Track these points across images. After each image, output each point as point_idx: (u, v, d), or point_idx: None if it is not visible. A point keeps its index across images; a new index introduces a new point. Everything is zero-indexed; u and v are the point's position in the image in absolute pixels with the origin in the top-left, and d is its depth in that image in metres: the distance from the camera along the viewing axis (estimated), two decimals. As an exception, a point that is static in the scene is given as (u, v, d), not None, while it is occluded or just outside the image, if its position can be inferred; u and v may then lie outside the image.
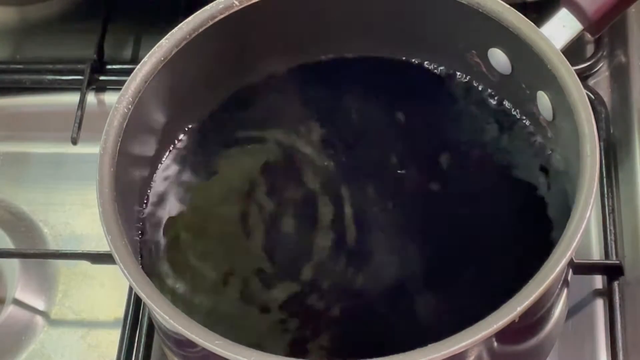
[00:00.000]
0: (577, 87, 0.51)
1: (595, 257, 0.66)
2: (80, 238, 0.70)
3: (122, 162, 0.53)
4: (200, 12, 0.56)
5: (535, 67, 0.53)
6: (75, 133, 0.71)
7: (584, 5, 0.55)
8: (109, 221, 0.50)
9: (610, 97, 0.72)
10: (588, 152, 0.49)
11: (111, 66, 0.76)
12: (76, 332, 0.67)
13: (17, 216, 0.72)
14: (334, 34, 0.60)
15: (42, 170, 0.74)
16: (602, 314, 0.64)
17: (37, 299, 0.68)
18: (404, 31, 0.59)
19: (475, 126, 0.59)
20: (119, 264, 0.49)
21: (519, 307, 0.45)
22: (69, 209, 0.72)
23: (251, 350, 0.45)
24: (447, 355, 0.44)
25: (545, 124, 0.56)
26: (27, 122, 0.77)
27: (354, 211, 0.57)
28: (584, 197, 0.48)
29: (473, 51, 0.58)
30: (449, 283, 0.54)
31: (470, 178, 0.58)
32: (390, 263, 0.55)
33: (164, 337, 0.56)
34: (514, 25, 0.54)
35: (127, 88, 0.54)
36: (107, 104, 0.75)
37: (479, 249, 0.55)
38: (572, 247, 0.47)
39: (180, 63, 0.56)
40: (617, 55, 0.73)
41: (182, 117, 0.59)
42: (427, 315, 0.53)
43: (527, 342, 0.54)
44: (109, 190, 0.51)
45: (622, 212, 0.66)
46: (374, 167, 0.59)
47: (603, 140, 0.68)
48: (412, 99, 0.61)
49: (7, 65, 0.77)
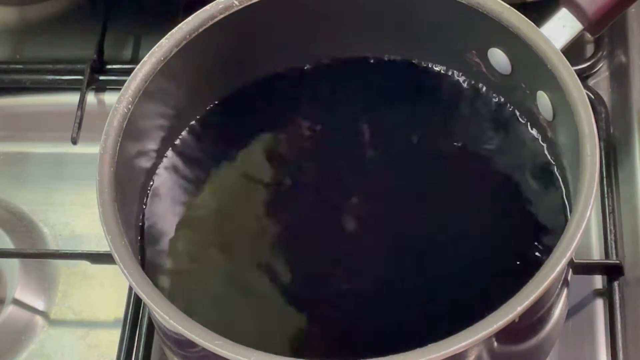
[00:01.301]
0: (577, 87, 0.51)
1: (595, 257, 0.66)
2: (80, 238, 0.70)
3: (122, 162, 0.53)
4: (200, 12, 0.56)
5: (535, 67, 0.53)
6: (75, 133, 0.71)
7: (584, 5, 0.55)
8: (109, 221, 0.50)
9: (610, 97, 0.72)
10: (588, 152, 0.49)
11: (111, 66, 0.76)
12: (76, 332, 0.67)
13: (17, 216, 0.72)
14: (334, 34, 0.60)
15: (42, 170, 0.74)
16: (602, 314, 0.64)
17: (37, 299, 0.68)
18: (403, 31, 0.59)
19: (475, 126, 0.59)
20: (119, 264, 0.49)
21: (519, 307, 0.45)
22: (69, 209, 0.72)
23: (251, 350, 0.45)
24: (447, 355, 0.44)
25: (545, 124, 0.56)
26: (27, 122, 0.77)
27: (353, 210, 0.57)
28: (584, 197, 0.48)
29: (473, 51, 0.58)
30: (449, 283, 0.54)
31: (470, 178, 0.58)
32: (390, 263, 0.55)
33: (164, 337, 0.56)
34: (514, 25, 0.54)
35: (127, 88, 0.54)
36: (107, 104, 0.75)
37: (479, 249, 0.55)
38: (572, 247, 0.47)
39: (180, 63, 0.56)
40: (617, 55, 0.73)
41: (182, 116, 0.59)
42: (427, 315, 0.53)
43: (527, 342, 0.54)
44: (109, 190, 0.51)
45: (622, 212, 0.66)
46: (373, 167, 0.59)
47: (603, 140, 0.68)
48: (412, 99, 0.61)
49: (7, 65, 0.77)
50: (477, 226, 0.56)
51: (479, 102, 0.60)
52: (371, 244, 0.56)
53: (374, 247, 0.56)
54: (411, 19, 0.58)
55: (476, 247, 0.55)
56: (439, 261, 0.55)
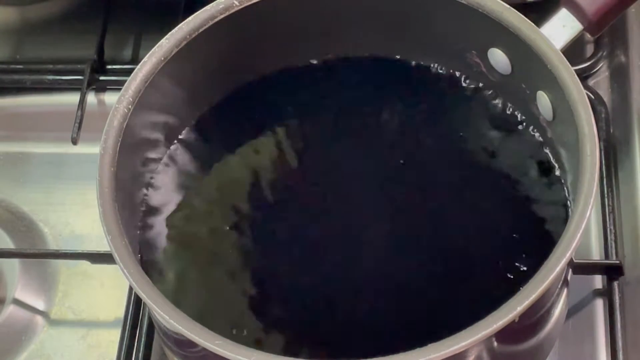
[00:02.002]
0: (577, 87, 0.51)
1: (595, 257, 0.66)
2: (80, 238, 0.70)
3: (123, 162, 0.53)
4: (201, 12, 0.56)
5: (535, 67, 0.53)
6: (76, 133, 0.71)
7: (584, 5, 0.55)
8: (109, 221, 0.50)
9: (610, 97, 0.72)
10: (588, 152, 0.49)
11: (111, 66, 0.76)
12: (76, 332, 0.67)
13: (17, 216, 0.72)
14: (334, 34, 0.60)
15: (43, 170, 0.74)
16: (602, 314, 0.64)
17: (37, 299, 0.68)
18: (403, 31, 0.59)
19: (475, 126, 0.59)
20: (119, 264, 0.49)
21: (519, 307, 0.45)
22: (69, 209, 0.72)
23: (251, 350, 0.45)
24: (447, 355, 0.44)
25: (545, 124, 0.56)
26: (27, 122, 0.77)
27: (354, 210, 0.57)
28: (584, 197, 0.48)
29: (473, 51, 0.58)
30: (449, 283, 0.54)
31: (470, 178, 0.58)
32: (390, 262, 0.55)
33: (164, 337, 0.56)
34: (514, 25, 0.54)
35: (127, 88, 0.54)
36: (107, 104, 0.75)
37: (478, 248, 0.55)
38: (572, 246, 0.47)
39: (180, 63, 0.56)
40: (617, 55, 0.73)
41: (182, 116, 0.59)
42: (427, 315, 0.53)
43: (527, 342, 0.54)
44: (109, 190, 0.51)
45: (622, 212, 0.66)
46: (373, 166, 0.59)
47: (603, 140, 0.68)
48: (411, 99, 0.61)
49: (8, 65, 0.77)
50: (477, 226, 0.56)
51: (479, 103, 0.60)
52: (371, 242, 0.56)
53: (373, 246, 0.56)
54: (411, 19, 0.58)
55: (476, 247, 0.55)
56: (439, 261, 0.55)
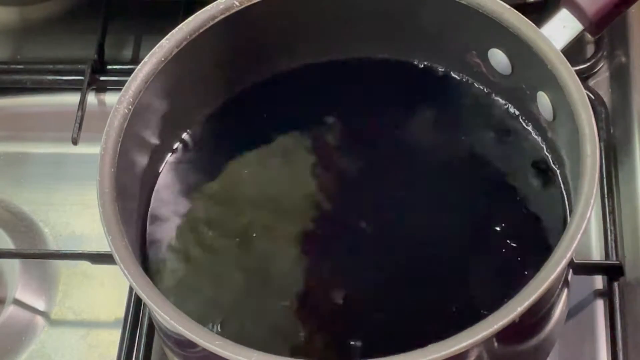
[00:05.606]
0: (577, 87, 0.51)
1: (596, 257, 0.66)
2: (80, 238, 0.70)
3: (123, 163, 0.53)
4: (201, 13, 0.56)
5: (535, 67, 0.53)
6: (76, 133, 0.71)
7: (584, 5, 0.55)
8: (110, 221, 0.50)
9: (610, 97, 0.72)
10: (588, 152, 0.49)
11: (111, 66, 0.76)
12: (76, 332, 0.67)
13: (17, 216, 0.72)
14: (334, 35, 0.60)
15: (43, 170, 0.74)
16: (602, 314, 0.64)
17: (38, 299, 0.68)
18: (404, 31, 0.59)
19: (476, 127, 0.59)
20: (119, 264, 0.49)
21: (519, 308, 0.45)
22: (69, 209, 0.72)
23: (251, 351, 0.45)
24: (447, 356, 0.44)
25: (546, 124, 0.56)
26: (27, 122, 0.77)
27: (357, 210, 0.57)
28: (584, 197, 0.48)
29: (473, 51, 0.58)
30: (449, 283, 0.54)
31: (470, 178, 0.58)
32: (390, 262, 0.55)
33: (164, 337, 0.56)
34: (514, 25, 0.54)
35: (127, 88, 0.54)
36: (108, 104, 0.75)
37: (478, 249, 0.55)
38: (572, 247, 0.47)
39: (180, 63, 0.56)
40: (617, 56, 0.73)
41: (182, 117, 0.59)
42: (427, 316, 0.53)
43: (527, 342, 0.54)
44: (110, 190, 0.51)
45: (622, 212, 0.66)
46: (372, 166, 0.59)
47: (603, 141, 0.68)
48: (411, 99, 0.61)
49: (8, 66, 0.77)
50: (477, 226, 0.56)
51: (479, 103, 0.60)
52: (371, 243, 0.56)
53: (373, 246, 0.56)
54: (411, 20, 0.58)
55: (476, 248, 0.55)
56: (439, 261, 0.55)
